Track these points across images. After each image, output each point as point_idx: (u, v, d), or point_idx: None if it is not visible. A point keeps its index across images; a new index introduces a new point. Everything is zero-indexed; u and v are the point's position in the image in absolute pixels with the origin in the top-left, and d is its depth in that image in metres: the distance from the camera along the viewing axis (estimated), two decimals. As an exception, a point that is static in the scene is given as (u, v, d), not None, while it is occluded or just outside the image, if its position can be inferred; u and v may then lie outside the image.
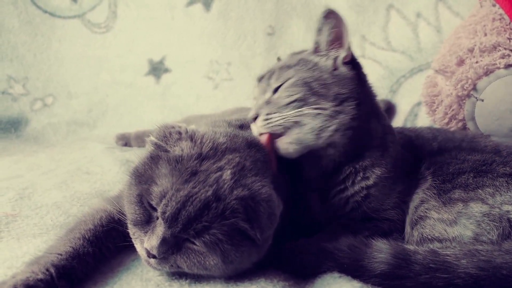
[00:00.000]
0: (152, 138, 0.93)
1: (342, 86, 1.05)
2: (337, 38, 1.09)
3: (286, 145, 1.04)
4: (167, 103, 2.54)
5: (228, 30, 2.50)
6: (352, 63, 1.11)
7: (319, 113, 1.02)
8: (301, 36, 2.41)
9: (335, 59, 1.09)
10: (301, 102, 1.03)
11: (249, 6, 2.47)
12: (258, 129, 1.06)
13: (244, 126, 1.18)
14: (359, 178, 1.10)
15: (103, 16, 2.64)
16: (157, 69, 2.59)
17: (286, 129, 1.04)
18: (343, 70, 1.09)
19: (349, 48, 1.09)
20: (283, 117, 1.03)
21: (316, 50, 1.12)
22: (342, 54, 1.09)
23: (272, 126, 1.04)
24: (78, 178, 1.46)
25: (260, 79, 1.16)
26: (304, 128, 1.03)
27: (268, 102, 1.08)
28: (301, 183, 1.15)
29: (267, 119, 1.05)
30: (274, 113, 1.04)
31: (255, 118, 1.07)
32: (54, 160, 1.73)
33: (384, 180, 1.11)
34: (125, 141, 2.05)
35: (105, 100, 2.58)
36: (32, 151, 1.99)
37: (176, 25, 2.57)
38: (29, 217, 1.16)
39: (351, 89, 1.06)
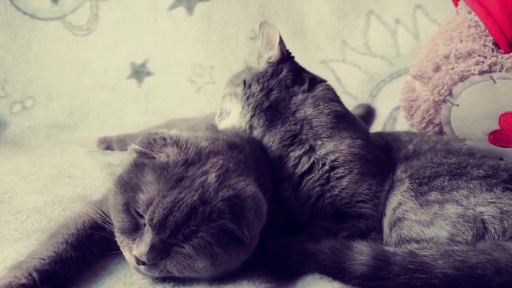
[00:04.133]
0: (136, 146, 0.93)
1: (249, 74, 1.27)
2: (269, 42, 1.27)
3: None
4: (150, 106, 2.52)
5: (211, 33, 2.51)
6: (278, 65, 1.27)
7: (236, 99, 1.26)
8: (284, 41, 2.42)
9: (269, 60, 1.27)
10: (228, 95, 1.30)
11: (232, 10, 2.48)
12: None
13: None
14: (319, 165, 1.18)
15: (85, 18, 2.61)
16: (139, 72, 2.58)
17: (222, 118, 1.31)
18: (262, 66, 1.28)
19: (277, 51, 1.25)
20: (219, 109, 1.34)
21: (258, 57, 1.31)
22: (268, 55, 1.27)
23: (216, 118, 1.34)
24: (60, 182, 1.45)
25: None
26: (230, 116, 1.28)
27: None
28: (277, 174, 1.21)
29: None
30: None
31: None
32: (35, 164, 1.71)
33: (343, 164, 1.18)
34: (107, 145, 2.04)
35: (86, 103, 2.55)
36: (12, 154, 1.96)
37: (159, 28, 2.57)
38: (10, 222, 1.15)
39: (256, 76, 1.25)
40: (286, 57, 1.27)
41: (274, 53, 1.25)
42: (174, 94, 2.52)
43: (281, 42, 1.26)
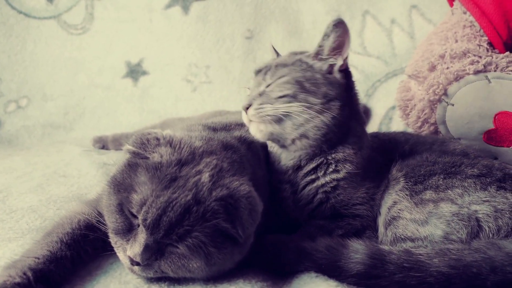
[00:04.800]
0: (129, 146, 0.93)
1: (331, 87, 1.13)
2: (339, 46, 1.15)
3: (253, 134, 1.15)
4: (145, 105, 2.52)
5: (206, 33, 2.51)
6: (345, 71, 1.18)
7: (305, 109, 1.09)
8: (280, 40, 2.43)
9: (332, 65, 1.16)
10: (291, 98, 1.10)
11: (227, 9, 2.49)
12: (249, 117, 1.13)
13: (217, 129, 1.20)
14: (330, 169, 1.15)
15: (80, 17, 2.61)
16: (135, 72, 2.58)
17: (268, 122, 1.11)
18: (337, 76, 1.16)
19: (346, 58, 1.17)
20: (274, 108, 1.10)
21: (317, 53, 1.17)
22: (339, 62, 1.16)
23: (262, 116, 1.11)
24: (54, 182, 1.45)
25: (257, 72, 1.22)
26: (285, 124, 1.11)
27: (261, 94, 1.14)
28: (275, 175, 1.20)
29: (258, 109, 1.11)
30: (266, 104, 1.11)
31: (247, 108, 1.13)
32: (30, 164, 1.70)
33: (354, 176, 1.16)
34: (102, 144, 2.04)
35: (82, 103, 2.54)
36: (7, 154, 1.95)
37: (154, 27, 2.56)
38: (4, 221, 1.14)
39: (338, 92, 1.13)
40: (346, 67, 1.20)
41: (342, 61, 1.16)
42: (169, 94, 2.52)
43: None
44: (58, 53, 2.59)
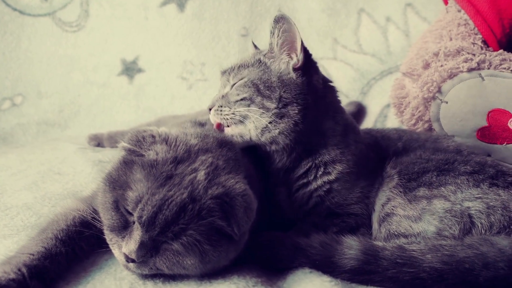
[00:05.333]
0: (125, 144, 0.93)
1: (286, 90, 1.12)
2: (288, 42, 1.14)
3: (230, 137, 1.15)
4: (141, 103, 2.52)
5: (202, 31, 2.51)
6: (305, 69, 1.15)
7: (263, 113, 1.11)
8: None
9: (288, 64, 1.14)
10: (248, 101, 1.13)
11: (223, 7, 2.48)
12: (211, 118, 1.20)
13: (206, 124, 1.21)
14: (320, 172, 1.16)
15: (75, 14, 2.59)
16: (130, 69, 2.57)
17: (233, 123, 1.15)
18: (292, 75, 1.14)
19: (300, 55, 1.13)
20: (232, 112, 1.15)
21: (269, 51, 1.17)
22: (293, 59, 1.14)
23: (221, 118, 1.16)
24: (50, 179, 1.44)
25: (223, 73, 1.25)
26: (248, 126, 1.14)
27: (224, 96, 1.18)
28: (270, 177, 1.20)
29: (217, 110, 1.17)
30: (225, 107, 1.16)
31: (210, 109, 1.19)
32: (24, 161, 1.69)
33: (346, 175, 1.16)
34: (98, 142, 2.03)
35: (77, 100, 2.53)
36: (1, 152, 1.94)
37: (150, 25, 2.56)
38: (-1, 218, 1.14)
39: (295, 94, 1.12)
40: (309, 61, 1.17)
41: (298, 58, 1.13)
42: (165, 91, 2.52)
43: (302, 43, 1.14)
44: (53, 50, 2.57)
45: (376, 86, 2.21)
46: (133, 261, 0.85)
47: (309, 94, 1.14)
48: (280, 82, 1.13)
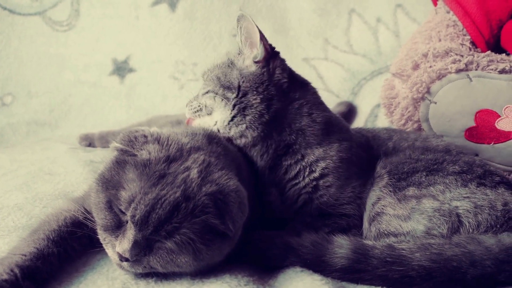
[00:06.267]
0: (117, 144, 0.93)
1: (245, 81, 1.17)
2: (248, 37, 1.19)
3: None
4: (132, 103, 2.51)
5: (194, 31, 2.51)
6: (267, 63, 1.19)
7: (226, 104, 1.17)
8: (267, 38, 2.44)
9: (250, 58, 1.19)
10: (212, 93, 1.20)
11: (215, 7, 2.48)
12: (186, 114, 1.29)
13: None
14: (307, 172, 1.18)
15: (65, 14, 2.58)
16: (121, 69, 2.56)
17: (200, 116, 1.24)
18: (252, 68, 1.18)
19: (261, 47, 1.17)
20: (198, 103, 1.24)
21: (239, 51, 1.22)
22: (253, 54, 1.18)
23: (191, 112, 1.26)
24: (40, 179, 1.43)
25: (203, 75, 1.32)
26: (215, 118, 1.20)
27: (197, 95, 1.28)
28: (260, 177, 1.21)
29: (188, 104, 1.28)
30: (193, 101, 1.26)
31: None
32: (15, 161, 1.68)
33: (333, 171, 1.18)
34: (89, 142, 2.02)
35: (67, 100, 2.51)
36: (-9, 152, 1.93)
37: (141, 24, 2.55)
38: (-10, 219, 1.14)
39: (255, 84, 1.16)
40: (271, 54, 1.20)
41: (258, 51, 1.17)
42: (156, 91, 2.51)
43: (263, 37, 1.17)
44: (43, 49, 2.55)
45: (367, 86, 2.23)
46: (127, 260, 0.85)
47: (272, 85, 1.17)
48: (240, 74, 1.18)
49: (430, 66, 1.44)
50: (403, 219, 1.06)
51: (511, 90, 1.35)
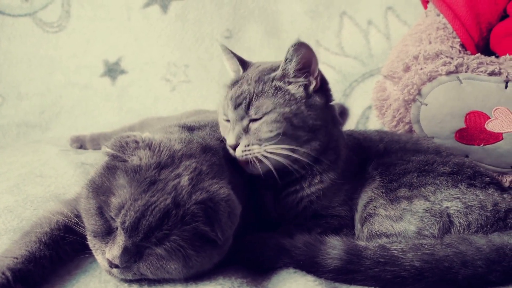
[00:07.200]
0: (108, 149, 0.92)
1: (316, 118, 1.11)
2: (306, 67, 1.11)
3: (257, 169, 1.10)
4: (124, 105, 2.50)
5: (185, 32, 2.50)
6: (321, 90, 1.16)
7: (295, 147, 1.08)
8: (259, 40, 2.45)
9: (305, 86, 1.12)
10: (280, 135, 1.07)
11: (206, 9, 2.48)
12: (238, 155, 1.10)
13: (194, 128, 1.19)
14: (316, 180, 1.16)
15: (56, 15, 2.56)
16: (113, 71, 2.55)
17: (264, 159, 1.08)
18: (316, 99, 1.13)
19: (318, 76, 1.13)
20: (263, 150, 1.07)
21: (284, 76, 1.11)
22: (312, 82, 1.12)
23: (251, 157, 1.08)
24: (31, 182, 1.42)
25: (233, 85, 1.16)
26: (282, 158, 1.08)
27: (246, 131, 1.09)
28: (256, 181, 1.20)
29: (245, 151, 1.08)
30: (253, 144, 1.08)
31: (235, 147, 1.09)
32: (5, 163, 1.67)
33: (335, 182, 1.17)
34: (80, 144, 2.01)
35: (58, 102, 2.50)
36: (-19, 154, 1.91)
37: (133, 26, 2.54)
38: (-20, 222, 1.13)
39: (323, 118, 1.13)
40: (323, 81, 1.17)
41: (316, 81, 1.12)
42: (148, 93, 2.51)
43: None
44: (34, 51, 2.54)
45: (358, 88, 2.24)
46: (116, 266, 0.84)
47: (328, 112, 1.17)
48: (309, 110, 1.10)
49: (421, 68, 1.45)
50: (395, 220, 1.07)
51: (501, 92, 1.36)
